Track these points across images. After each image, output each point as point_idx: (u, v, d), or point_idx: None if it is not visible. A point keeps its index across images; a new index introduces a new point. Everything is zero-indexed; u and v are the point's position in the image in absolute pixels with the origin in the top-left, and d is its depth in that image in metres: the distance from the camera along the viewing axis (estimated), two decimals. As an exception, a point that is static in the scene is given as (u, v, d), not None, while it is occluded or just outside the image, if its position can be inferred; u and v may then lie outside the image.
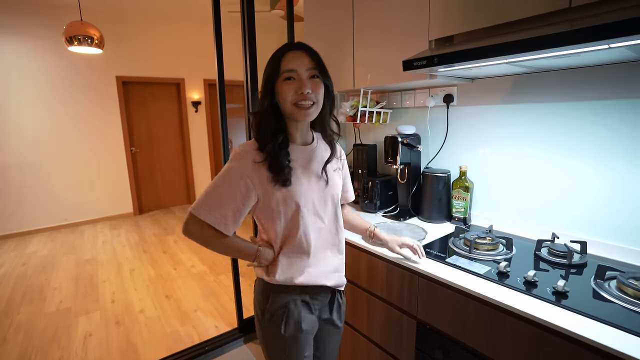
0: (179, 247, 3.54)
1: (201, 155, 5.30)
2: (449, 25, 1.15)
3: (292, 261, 0.92)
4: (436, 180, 1.49)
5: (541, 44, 0.79)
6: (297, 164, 0.90)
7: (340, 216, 1.01)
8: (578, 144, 1.16)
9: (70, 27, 2.58)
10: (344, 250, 1.04)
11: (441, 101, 1.53)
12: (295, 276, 0.92)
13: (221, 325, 2.16)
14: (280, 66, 0.84)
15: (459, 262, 1.10)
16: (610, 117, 1.08)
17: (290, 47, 0.86)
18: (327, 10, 1.68)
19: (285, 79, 0.84)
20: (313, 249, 0.92)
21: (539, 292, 0.90)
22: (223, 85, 1.79)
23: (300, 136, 0.93)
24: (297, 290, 0.94)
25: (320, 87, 0.86)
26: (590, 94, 1.11)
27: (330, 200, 0.96)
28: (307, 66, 0.84)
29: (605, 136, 1.10)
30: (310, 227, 0.91)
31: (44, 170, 4.10)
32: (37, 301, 2.51)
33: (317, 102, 0.86)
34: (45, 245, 3.69)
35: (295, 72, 0.83)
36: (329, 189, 0.95)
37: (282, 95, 0.84)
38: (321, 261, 0.96)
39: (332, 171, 0.97)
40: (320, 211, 0.94)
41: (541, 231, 1.27)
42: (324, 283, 0.96)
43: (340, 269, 1.02)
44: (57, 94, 4.07)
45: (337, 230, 1.00)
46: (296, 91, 0.83)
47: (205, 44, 4.91)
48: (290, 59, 0.84)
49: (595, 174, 1.13)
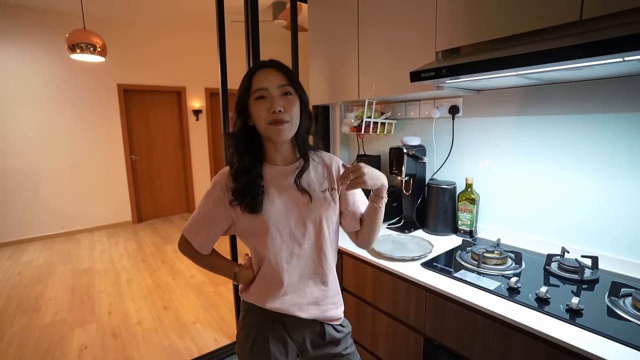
0: (177, 257, 3.49)
1: (201, 164, 5.29)
2: (456, 36, 1.15)
3: (267, 284, 0.88)
4: (442, 192, 1.48)
5: (555, 56, 0.78)
6: (273, 185, 0.86)
7: (328, 244, 0.90)
8: (587, 157, 1.15)
9: (73, 35, 2.58)
10: (331, 282, 0.93)
11: (447, 112, 1.52)
12: (266, 300, 0.88)
13: (221, 338, 2.11)
14: (251, 85, 0.81)
15: (467, 276, 1.08)
16: (622, 129, 1.07)
17: (261, 65, 0.84)
18: (331, 19, 1.68)
19: (256, 98, 0.81)
20: (287, 275, 0.86)
21: (552, 310, 0.87)
22: (226, 95, 1.78)
23: (279, 156, 0.88)
24: (270, 315, 0.90)
25: (295, 103, 0.82)
26: (599, 106, 1.10)
27: (312, 224, 0.86)
28: (279, 83, 0.81)
29: (615, 149, 1.08)
30: (283, 253, 0.85)
31: (42, 177, 4.07)
32: (31, 312, 2.45)
33: (291, 119, 0.81)
34: (41, 254, 3.63)
35: (266, 90, 0.80)
36: (311, 211, 0.86)
37: (255, 116, 0.82)
38: (299, 290, 0.89)
39: (320, 191, 0.88)
40: (298, 235, 0.86)
41: (550, 245, 1.25)
42: (297, 314, 0.88)
43: (322, 302, 0.91)
44: (57, 101, 4.06)
45: (322, 258, 0.89)
46: (268, 110, 0.80)
47: (206, 53, 4.94)
48: (261, 77, 0.81)
49: (605, 188, 1.12)
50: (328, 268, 0.92)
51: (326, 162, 0.94)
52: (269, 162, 0.89)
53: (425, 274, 1.11)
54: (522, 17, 0.96)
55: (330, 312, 0.93)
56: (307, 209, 0.86)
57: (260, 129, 0.83)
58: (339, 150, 2.07)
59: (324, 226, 0.88)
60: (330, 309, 0.94)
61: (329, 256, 0.92)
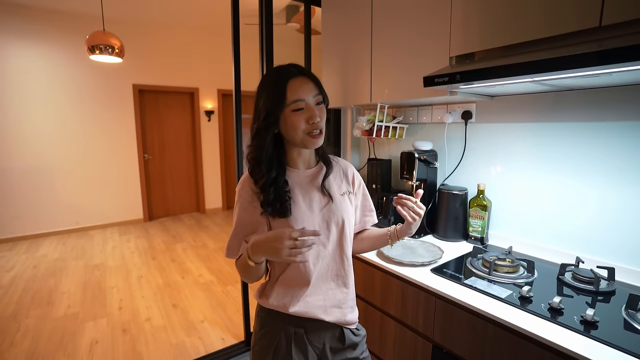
0: (187, 256, 3.54)
1: (212, 165, 5.35)
2: (470, 41, 1.14)
3: (289, 288, 0.87)
4: (453, 197, 1.46)
5: (574, 63, 0.77)
6: (297, 188, 0.86)
7: (349, 246, 0.92)
8: (603, 165, 1.12)
9: (93, 37, 2.66)
10: (351, 284, 0.94)
11: (459, 118, 1.51)
12: (290, 304, 0.86)
13: (228, 337, 2.12)
14: (285, 96, 0.78)
15: (477, 284, 1.06)
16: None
17: (292, 73, 0.81)
18: (344, 24, 1.69)
19: (294, 110, 0.79)
20: (314, 277, 0.86)
21: (566, 321, 0.85)
22: (239, 97, 1.80)
23: (302, 160, 0.90)
24: (292, 320, 0.87)
25: (325, 112, 0.85)
26: (617, 114, 1.08)
27: (335, 225, 0.87)
28: (313, 92, 0.81)
29: (633, 158, 1.06)
30: (310, 255, 0.84)
31: (58, 174, 4.18)
32: (45, 305, 2.51)
33: (323, 128, 0.84)
34: (55, 249, 3.72)
35: (304, 101, 0.79)
36: (334, 213, 0.87)
37: (291, 126, 0.80)
38: (322, 293, 0.88)
39: (339, 194, 0.91)
40: (322, 237, 0.87)
41: (563, 254, 1.22)
42: (321, 317, 0.87)
43: (344, 304, 0.92)
44: (75, 100, 4.18)
45: (344, 260, 0.91)
46: (307, 121, 0.80)
47: (220, 54, 5.01)
48: (296, 87, 0.79)
49: (623, 198, 1.09)
50: (349, 270, 0.93)
51: (342, 167, 0.97)
52: (290, 165, 0.89)
53: (435, 280, 1.10)
54: (538, 24, 0.95)
55: (349, 316, 0.93)
56: (329, 210, 0.87)
57: (296, 138, 0.82)
58: (349, 154, 2.07)
59: (346, 227, 0.89)
60: (350, 312, 0.94)
61: (349, 258, 0.93)
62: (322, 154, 0.93)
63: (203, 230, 4.43)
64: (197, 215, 5.19)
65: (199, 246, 3.83)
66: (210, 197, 5.40)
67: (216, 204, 5.47)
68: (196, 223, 4.78)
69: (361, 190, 1.01)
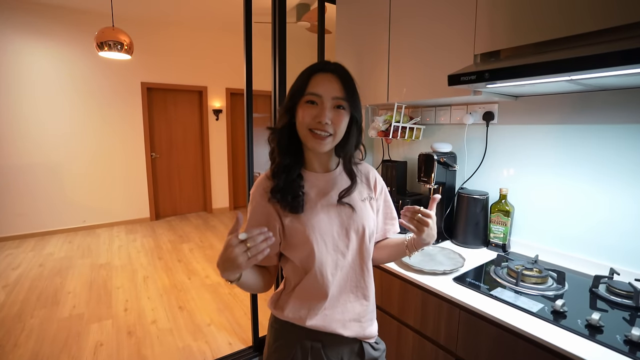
0: (193, 256, 3.50)
1: (220, 164, 5.32)
2: (497, 39, 1.08)
3: (306, 300, 0.81)
4: (473, 202, 1.40)
5: (622, 59, 0.70)
6: (313, 191, 0.81)
7: (370, 255, 0.86)
8: (635, 169, 1.05)
9: (102, 33, 2.63)
10: (371, 297, 0.89)
11: (480, 119, 1.44)
12: (307, 317, 0.80)
13: (235, 342, 2.07)
14: (306, 86, 0.76)
15: (504, 295, 1.00)
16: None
17: (322, 67, 0.78)
18: (360, 20, 1.63)
19: (306, 102, 0.77)
20: (332, 288, 0.80)
21: (607, 340, 0.79)
22: (251, 96, 1.75)
23: (318, 163, 0.84)
24: (309, 334, 0.82)
25: (344, 118, 0.77)
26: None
27: (355, 234, 0.82)
28: (335, 94, 0.76)
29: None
30: (328, 264, 0.79)
31: (65, 172, 4.17)
32: (50, 305, 2.49)
33: (335, 134, 0.77)
34: (62, 247, 3.71)
35: (319, 97, 0.76)
36: (354, 220, 0.82)
37: (299, 118, 0.77)
38: (340, 306, 0.83)
39: (360, 200, 0.85)
40: (341, 246, 0.81)
41: (594, 265, 1.15)
42: (339, 332, 0.82)
43: (363, 318, 0.86)
44: (83, 97, 4.17)
45: (364, 270, 0.85)
46: (314, 118, 0.75)
47: (228, 53, 4.98)
48: (319, 82, 0.76)
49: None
50: (369, 281, 0.87)
51: (363, 171, 0.92)
52: (307, 168, 0.85)
53: (458, 290, 1.04)
54: (576, 18, 0.89)
55: (369, 329, 0.88)
56: (349, 218, 0.82)
57: (300, 132, 0.79)
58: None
59: (367, 236, 0.83)
60: (369, 325, 0.88)
61: (370, 268, 0.87)
62: (348, 166, 0.86)
63: (210, 230, 4.40)
64: (204, 215, 5.16)
65: (205, 246, 3.79)
66: (218, 196, 5.37)
67: (223, 203, 5.44)
68: (203, 223, 4.75)
69: (383, 196, 0.94)
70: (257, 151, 1.82)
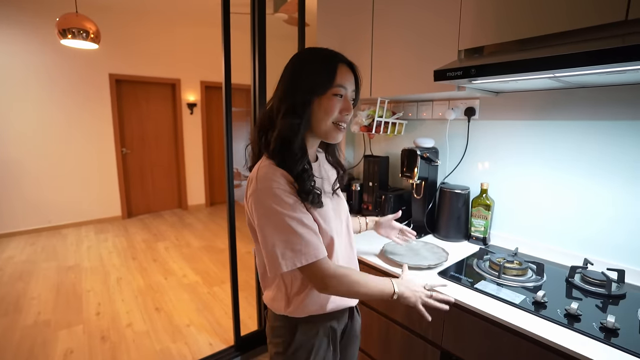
0: (170, 255, 3.38)
1: (195, 159, 5.15)
2: (481, 34, 1.09)
3: None
4: (455, 197, 1.42)
5: (604, 58, 0.72)
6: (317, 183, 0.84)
7: (352, 232, 0.97)
8: (611, 164, 1.10)
9: (64, 19, 2.44)
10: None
11: (462, 114, 1.46)
12: (326, 303, 0.84)
13: (216, 342, 2.02)
14: (335, 78, 0.74)
15: (488, 288, 1.02)
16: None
17: (344, 59, 0.78)
18: (342, 15, 1.60)
19: (335, 94, 0.75)
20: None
21: (584, 328, 0.82)
22: (229, 89, 1.69)
23: (312, 152, 0.86)
24: (327, 317, 0.87)
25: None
26: (630, 112, 1.05)
27: (345, 218, 0.92)
28: (353, 87, 0.79)
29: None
30: (341, 250, 0.86)
31: (27, 168, 3.88)
32: (12, 313, 2.32)
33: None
34: (23, 250, 3.46)
35: (346, 90, 0.77)
36: (343, 207, 0.92)
37: (326, 111, 0.74)
38: None
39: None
40: (344, 231, 0.90)
41: (570, 256, 1.20)
42: (350, 304, 0.92)
43: None
44: (44, 89, 3.88)
45: (353, 248, 0.95)
46: (341, 111, 0.77)
47: (203, 45, 4.81)
48: (344, 73, 0.76)
49: (628, 197, 1.07)
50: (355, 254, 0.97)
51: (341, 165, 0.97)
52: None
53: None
54: (559, 16, 0.90)
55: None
56: (339, 205, 0.90)
57: (321, 125, 0.76)
58: (344, 150, 2.00)
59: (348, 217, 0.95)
60: None
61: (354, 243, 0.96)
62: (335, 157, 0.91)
63: (186, 228, 4.26)
64: (180, 212, 4.99)
65: (182, 245, 3.67)
66: (193, 193, 5.21)
67: (199, 200, 5.29)
68: (178, 220, 4.60)
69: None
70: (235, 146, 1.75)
